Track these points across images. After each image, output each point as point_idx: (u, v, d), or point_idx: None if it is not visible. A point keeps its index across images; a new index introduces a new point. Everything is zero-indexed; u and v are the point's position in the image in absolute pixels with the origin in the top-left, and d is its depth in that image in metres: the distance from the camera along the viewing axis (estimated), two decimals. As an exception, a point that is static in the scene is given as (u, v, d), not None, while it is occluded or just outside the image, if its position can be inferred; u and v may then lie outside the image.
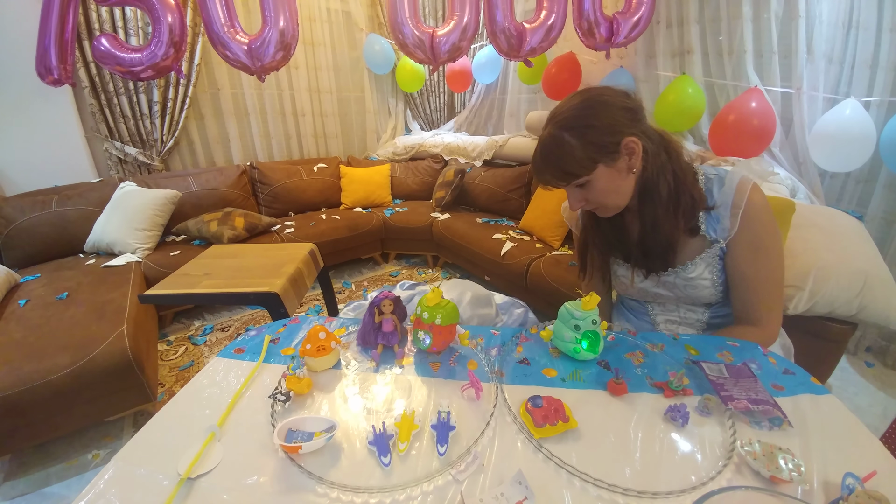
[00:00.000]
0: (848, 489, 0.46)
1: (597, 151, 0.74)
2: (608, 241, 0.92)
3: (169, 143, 2.66)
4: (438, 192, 3.07)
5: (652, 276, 0.88)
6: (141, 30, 2.38)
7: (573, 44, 2.36)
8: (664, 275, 0.87)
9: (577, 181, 0.77)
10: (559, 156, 0.75)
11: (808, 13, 1.67)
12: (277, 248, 1.85)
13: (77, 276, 1.90)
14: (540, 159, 0.79)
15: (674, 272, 0.85)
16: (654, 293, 0.92)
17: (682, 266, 0.84)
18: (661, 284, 0.89)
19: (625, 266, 0.93)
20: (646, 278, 0.89)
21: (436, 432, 0.56)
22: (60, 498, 1.30)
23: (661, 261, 0.84)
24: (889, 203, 1.73)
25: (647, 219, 0.81)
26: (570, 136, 0.74)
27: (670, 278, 0.86)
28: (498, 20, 1.92)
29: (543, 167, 0.79)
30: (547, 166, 0.78)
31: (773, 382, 0.66)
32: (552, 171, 0.78)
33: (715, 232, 0.80)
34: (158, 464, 0.53)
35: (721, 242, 0.80)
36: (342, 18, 3.29)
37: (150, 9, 1.78)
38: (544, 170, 0.79)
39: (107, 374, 1.36)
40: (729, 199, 0.78)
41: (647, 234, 0.82)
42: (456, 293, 1.13)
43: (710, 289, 0.84)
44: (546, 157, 0.78)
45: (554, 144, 0.76)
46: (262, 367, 0.73)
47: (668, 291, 0.89)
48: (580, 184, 0.77)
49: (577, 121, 0.74)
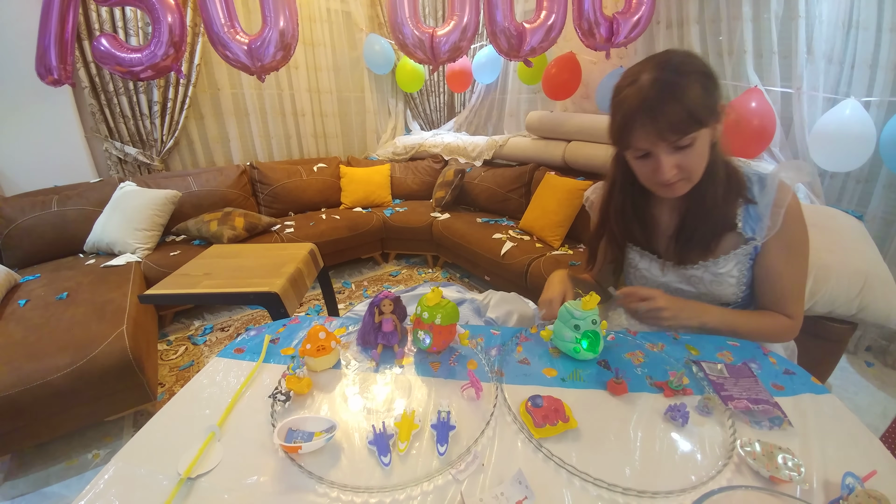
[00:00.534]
0: (848, 488, 0.46)
1: (714, 103, 0.67)
2: (636, 232, 0.88)
3: (169, 143, 2.66)
4: (438, 191, 3.07)
5: (679, 269, 0.86)
6: (141, 30, 2.38)
7: (573, 44, 2.36)
8: (692, 268, 0.84)
9: (689, 137, 0.66)
10: (683, 96, 0.64)
11: (808, 13, 1.67)
12: (277, 247, 1.85)
13: (77, 276, 1.90)
14: (656, 101, 0.65)
15: (704, 266, 0.83)
16: (675, 289, 0.89)
17: (714, 260, 0.82)
18: (685, 279, 0.87)
19: (648, 258, 0.91)
20: (673, 270, 0.87)
21: (436, 432, 0.56)
22: (60, 498, 1.30)
23: (701, 250, 0.81)
24: (889, 203, 1.73)
25: (700, 201, 0.77)
26: (689, 81, 0.65)
27: (698, 272, 0.84)
28: (498, 20, 1.92)
29: (659, 109, 0.65)
30: (666, 108, 0.64)
31: (774, 382, 0.66)
32: (674, 114, 0.65)
33: (752, 230, 0.79)
34: (158, 464, 0.53)
35: (757, 241, 0.79)
36: (342, 18, 3.29)
37: (150, 9, 1.79)
38: (660, 112, 0.65)
39: (107, 374, 1.36)
40: (770, 199, 0.76)
41: (694, 218, 0.79)
42: (503, 311, 1.11)
43: (734, 287, 0.83)
44: (666, 97, 0.64)
45: (675, 86, 0.64)
46: (262, 367, 0.73)
47: (691, 287, 0.87)
48: (686, 144, 0.67)
49: (694, 66, 0.66)
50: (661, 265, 0.89)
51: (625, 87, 0.70)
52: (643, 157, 0.72)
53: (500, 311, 1.10)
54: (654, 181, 0.74)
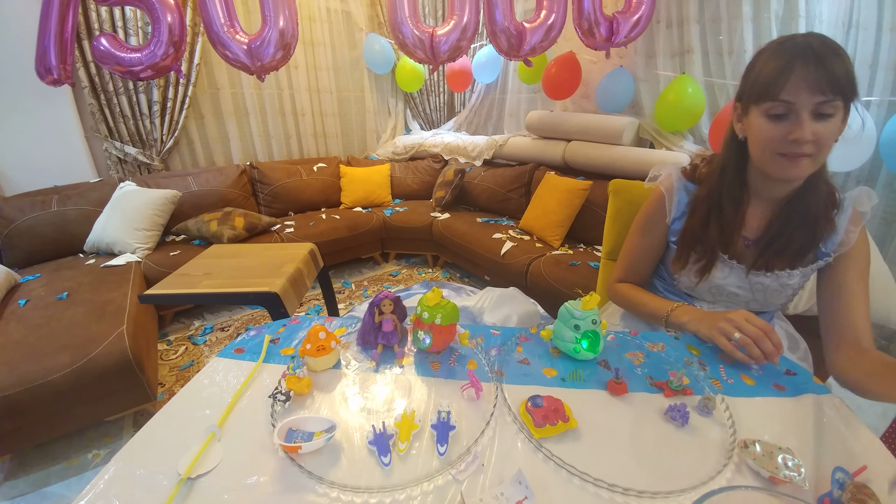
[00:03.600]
0: (838, 483, 0.46)
1: (856, 86, 0.66)
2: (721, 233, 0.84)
3: (169, 143, 2.66)
4: (438, 191, 3.07)
5: (752, 273, 0.82)
6: (140, 30, 2.38)
7: (573, 43, 2.36)
8: (764, 275, 0.81)
9: (832, 106, 0.65)
10: (845, 57, 0.65)
11: (808, 13, 1.67)
12: (277, 247, 1.85)
13: (77, 276, 1.90)
14: (822, 51, 0.64)
15: (776, 275, 0.80)
16: (728, 292, 0.86)
17: (789, 271, 0.80)
18: (748, 285, 0.84)
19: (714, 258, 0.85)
20: (738, 274, 0.83)
21: (436, 432, 0.56)
22: (60, 498, 1.30)
23: (791, 258, 0.79)
24: (889, 203, 1.73)
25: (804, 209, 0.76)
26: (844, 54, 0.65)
27: (767, 280, 0.81)
28: (498, 20, 1.92)
29: (826, 58, 0.64)
30: (832, 60, 0.64)
31: (775, 382, 0.66)
32: (838, 68, 0.64)
33: (825, 245, 0.78)
34: (158, 464, 0.53)
35: (830, 257, 0.78)
36: (342, 18, 3.29)
37: (149, 9, 1.79)
38: (827, 61, 0.64)
39: (107, 374, 1.36)
40: (847, 217, 0.77)
41: (793, 226, 0.78)
42: (500, 316, 1.08)
43: (786, 299, 0.82)
44: (831, 52, 0.64)
45: (838, 47, 0.65)
46: (262, 367, 0.73)
47: (748, 293, 0.84)
48: (829, 112, 0.66)
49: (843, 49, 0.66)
50: (728, 267, 0.85)
51: (780, 43, 0.69)
52: (779, 117, 0.69)
53: (498, 315, 1.08)
54: (783, 145, 0.69)
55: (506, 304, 1.10)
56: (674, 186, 0.90)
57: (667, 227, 0.91)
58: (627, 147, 2.31)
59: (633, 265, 0.98)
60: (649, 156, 2.16)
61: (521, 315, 1.08)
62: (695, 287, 0.89)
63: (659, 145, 2.26)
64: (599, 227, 1.35)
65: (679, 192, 0.90)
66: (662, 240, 0.93)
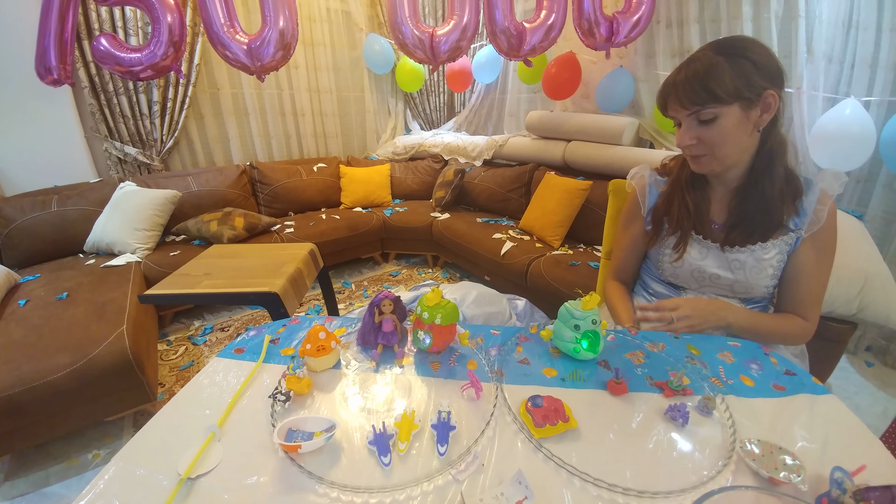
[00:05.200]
0: (836, 483, 0.46)
1: (743, 86, 0.73)
2: (688, 212, 0.90)
3: (169, 143, 2.66)
4: (438, 191, 3.07)
5: (727, 250, 0.87)
6: (140, 30, 2.38)
7: (573, 43, 2.36)
8: (738, 251, 0.86)
9: (708, 112, 0.75)
10: (706, 73, 0.73)
11: (808, 13, 1.67)
12: (277, 247, 1.85)
13: (77, 276, 1.90)
14: (683, 74, 0.76)
15: (750, 250, 0.85)
16: (710, 274, 0.90)
17: (761, 244, 0.85)
18: (727, 264, 0.88)
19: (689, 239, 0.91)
20: (715, 254, 0.88)
21: (436, 432, 0.56)
22: (60, 498, 1.30)
23: (750, 234, 0.84)
24: (889, 203, 1.73)
25: (759, 193, 0.82)
26: (723, 60, 0.73)
27: (742, 256, 0.86)
28: (498, 20, 1.92)
29: (684, 82, 0.75)
30: (688, 81, 0.75)
31: (775, 383, 0.66)
32: (692, 87, 0.74)
33: (795, 224, 0.83)
34: (158, 464, 0.53)
35: (801, 232, 0.83)
36: (342, 18, 3.29)
37: (149, 9, 1.78)
38: (683, 85, 0.76)
39: (107, 374, 1.36)
40: (815, 197, 0.82)
41: (749, 206, 0.84)
42: (460, 293, 1.11)
43: (770, 278, 0.86)
44: (691, 72, 0.75)
45: (705, 61, 0.74)
46: (262, 367, 0.73)
47: (729, 273, 0.88)
48: (708, 118, 0.75)
49: (735, 49, 0.73)
50: (704, 247, 0.90)
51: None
52: (679, 126, 0.82)
53: (477, 311, 1.10)
54: (682, 148, 0.82)
55: (485, 304, 1.13)
56: (646, 182, 0.99)
57: (643, 219, 1.00)
58: (627, 147, 2.31)
59: (622, 259, 1.06)
60: (649, 156, 2.16)
61: (480, 293, 1.10)
62: (677, 270, 0.94)
63: (659, 145, 2.26)
64: (599, 227, 1.35)
65: (650, 186, 0.99)
66: (642, 230, 1.00)
